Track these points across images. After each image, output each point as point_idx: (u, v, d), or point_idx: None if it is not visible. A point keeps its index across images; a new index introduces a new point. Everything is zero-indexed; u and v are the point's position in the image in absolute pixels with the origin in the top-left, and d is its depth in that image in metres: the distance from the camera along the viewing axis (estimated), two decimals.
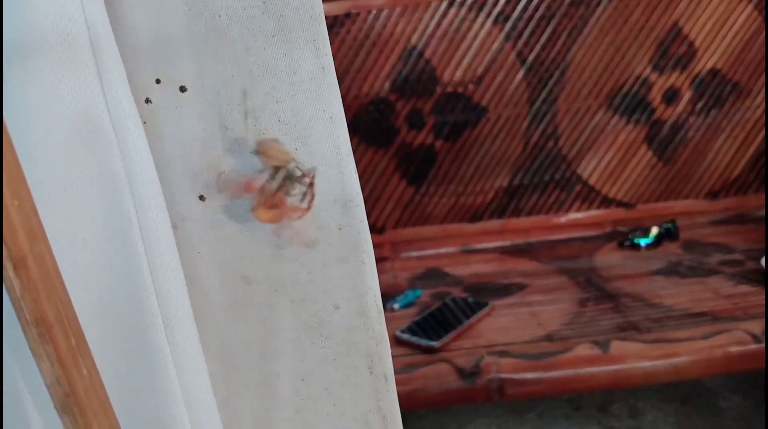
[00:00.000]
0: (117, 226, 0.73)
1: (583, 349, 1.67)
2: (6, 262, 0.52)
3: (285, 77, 0.75)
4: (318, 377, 0.84)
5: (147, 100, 0.76)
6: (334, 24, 2.12)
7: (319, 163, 0.78)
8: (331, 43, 2.07)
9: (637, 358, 1.64)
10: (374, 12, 2.13)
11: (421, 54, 2.16)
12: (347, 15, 2.13)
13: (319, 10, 0.75)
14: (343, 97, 2.11)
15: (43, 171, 0.70)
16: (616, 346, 1.67)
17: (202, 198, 0.79)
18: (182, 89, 0.76)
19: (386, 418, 0.86)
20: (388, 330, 1.78)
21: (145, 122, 0.76)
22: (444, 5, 2.13)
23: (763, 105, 2.21)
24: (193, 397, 0.78)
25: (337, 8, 2.12)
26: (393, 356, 1.70)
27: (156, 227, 0.75)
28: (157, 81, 0.76)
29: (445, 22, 2.13)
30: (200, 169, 0.78)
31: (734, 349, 1.62)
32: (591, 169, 2.28)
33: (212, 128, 0.77)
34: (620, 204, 2.31)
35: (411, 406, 1.67)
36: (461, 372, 1.65)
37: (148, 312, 0.74)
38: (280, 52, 0.74)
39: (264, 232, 0.79)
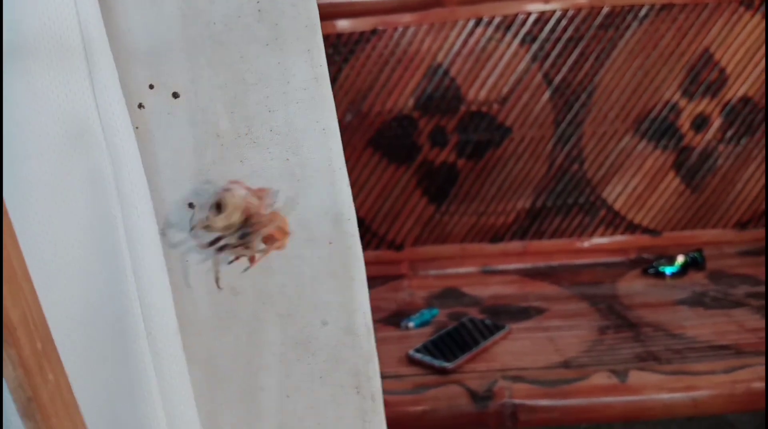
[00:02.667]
0: (102, 230, 0.72)
1: (601, 378, 1.64)
2: None
3: (278, 86, 0.75)
4: (303, 394, 0.83)
5: (140, 105, 0.76)
6: (359, 40, 2.12)
7: (309, 174, 0.77)
8: (357, 59, 2.11)
9: (656, 390, 1.61)
10: (400, 29, 2.13)
11: (446, 72, 2.15)
12: (373, 31, 2.13)
13: (315, 20, 0.74)
14: (366, 113, 2.12)
15: (30, 172, 0.69)
16: (635, 376, 1.63)
17: (191, 205, 0.79)
18: (175, 95, 0.76)
19: None
20: (401, 348, 1.79)
21: (137, 127, 0.76)
22: (471, 24, 2.12)
23: None
24: (174, 409, 0.77)
25: (364, 24, 2.12)
26: (404, 376, 1.71)
27: (142, 233, 0.74)
28: (151, 86, 0.76)
29: (472, 40, 2.13)
30: (190, 176, 0.78)
31: (757, 385, 1.58)
32: (616, 194, 2.25)
33: (204, 135, 0.77)
34: (646, 230, 2.28)
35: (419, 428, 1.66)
36: (473, 395, 1.63)
37: (131, 319, 0.73)
38: (274, 60, 0.74)
39: None
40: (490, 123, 2.19)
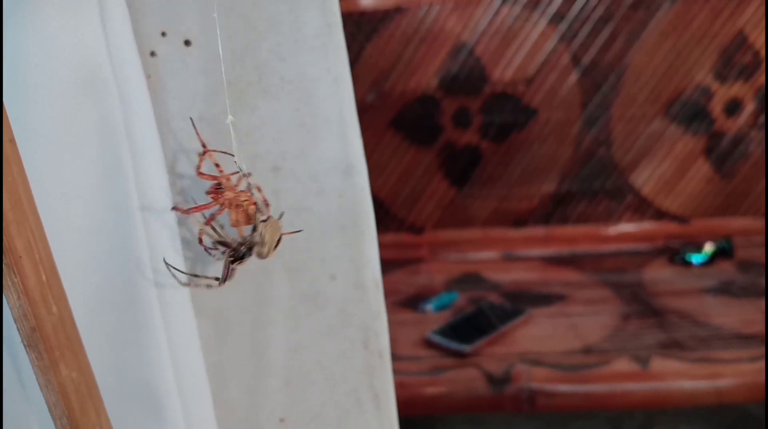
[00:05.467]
0: (113, 179, 0.74)
1: (622, 364, 1.65)
2: None
3: (290, 34, 0.76)
4: (311, 349, 0.84)
5: (152, 53, 0.78)
6: (383, 18, 2.13)
7: (320, 125, 0.78)
8: (380, 37, 2.12)
9: (678, 377, 1.61)
10: (425, 7, 2.13)
11: (471, 52, 2.16)
12: (397, 9, 2.14)
13: None
14: (389, 93, 2.13)
15: (39, 116, 0.71)
16: (657, 363, 1.64)
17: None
18: (187, 43, 0.77)
19: (379, 396, 0.85)
20: (418, 331, 1.80)
21: (149, 76, 0.78)
22: (497, 2, 2.12)
23: None
24: (181, 358, 0.79)
25: (387, 2, 2.13)
26: (421, 358, 1.72)
27: (153, 182, 0.76)
28: (163, 34, 0.77)
29: (498, 19, 2.13)
30: (202, 126, 0.79)
31: None
32: (644, 179, 2.24)
33: (215, 84, 0.78)
34: (674, 217, 2.27)
35: (436, 410, 1.67)
36: (490, 378, 1.64)
37: (139, 266, 0.75)
38: (286, 7, 0.75)
39: None
40: (515, 104, 2.20)
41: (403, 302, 2.01)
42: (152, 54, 0.78)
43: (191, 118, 0.74)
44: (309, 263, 0.82)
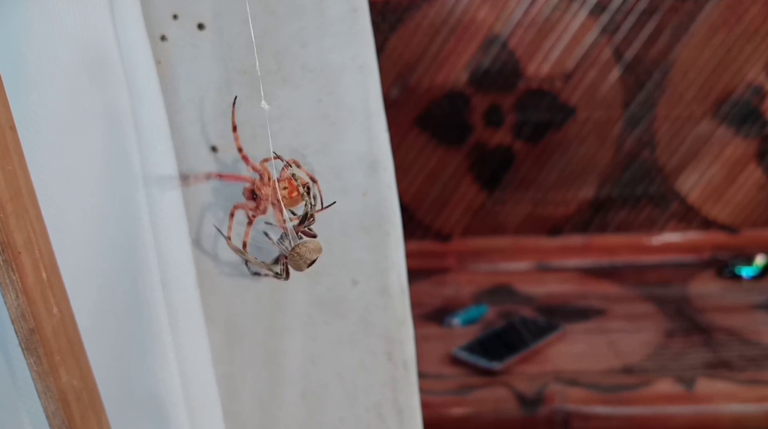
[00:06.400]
0: (118, 170, 0.74)
1: (665, 385, 1.64)
2: None
3: (312, 18, 0.76)
4: (330, 360, 0.84)
5: (162, 37, 0.78)
6: (409, 6, 2.13)
7: (344, 117, 0.78)
8: (405, 27, 2.12)
9: (726, 400, 1.61)
10: None
11: (504, 44, 2.15)
12: None
13: None
14: (414, 88, 2.13)
15: (42, 102, 0.71)
16: (703, 384, 1.63)
17: (214, 149, 0.80)
18: (200, 27, 0.77)
19: (402, 411, 0.85)
20: (444, 347, 1.80)
21: (159, 61, 0.77)
22: None
23: None
24: (189, 367, 0.79)
25: None
26: (447, 376, 1.72)
27: (160, 175, 0.75)
28: (174, 17, 0.77)
29: (534, 9, 2.12)
30: (214, 117, 0.79)
31: None
32: (690, 185, 2.23)
33: (230, 72, 0.78)
34: (722, 227, 2.26)
35: None
36: (522, 399, 1.64)
37: (146, 268, 0.75)
38: None
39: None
40: (551, 102, 2.19)
41: (428, 315, 2.01)
42: (163, 38, 0.78)
43: (235, 98, 0.73)
44: (329, 266, 0.81)
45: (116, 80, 0.72)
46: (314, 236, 0.71)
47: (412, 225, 2.29)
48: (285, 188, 0.71)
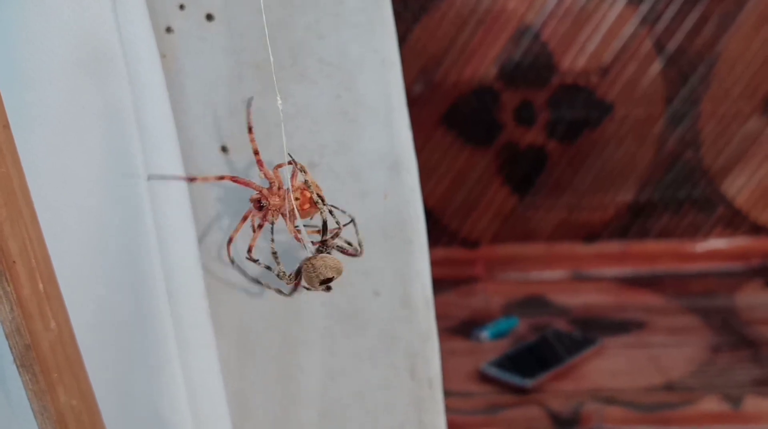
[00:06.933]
0: (120, 171, 0.73)
1: (710, 403, 1.64)
2: None
3: (330, 8, 0.76)
4: (349, 376, 0.84)
5: (168, 29, 0.78)
6: None
7: (364, 114, 0.77)
8: (430, 17, 2.12)
9: None
10: None
11: (536, 36, 2.14)
12: None
13: None
14: (440, 83, 2.12)
15: (37, 100, 0.70)
16: (751, 403, 1.63)
17: (224, 149, 0.80)
18: (209, 17, 0.77)
19: None
20: (472, 363, 1.79)
21: (164, 55, 0.77)
22: None
23: None
24: (197, 384, 0.78)
25: None
26: (475, 394, 1.72)
27: (166, 178, 0.75)
28: (181, 7, 0.77)
29: None
30: (224, 115, 0.79)
31: None
32: (738, 188, 2.21)
33: (241, 66, 0.77)
34: None
35: None
36: (556, 418, 1.64)
37: (149, 276, 0.74)
38: None
39: None
40: (587, 98, 2.18)
41: (454, 329, 2.01)
42: (168, 30, 0.78)
43: (251, 98, 0.73)
44: (348, 276, 0.80)
45: (118, 75, 0.72)
46: (354, 254, 0.71)
47: (437, 231, 2.28)
48: (297, 199, 0.71)
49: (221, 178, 0.76)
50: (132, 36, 0.72)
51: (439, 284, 0.86)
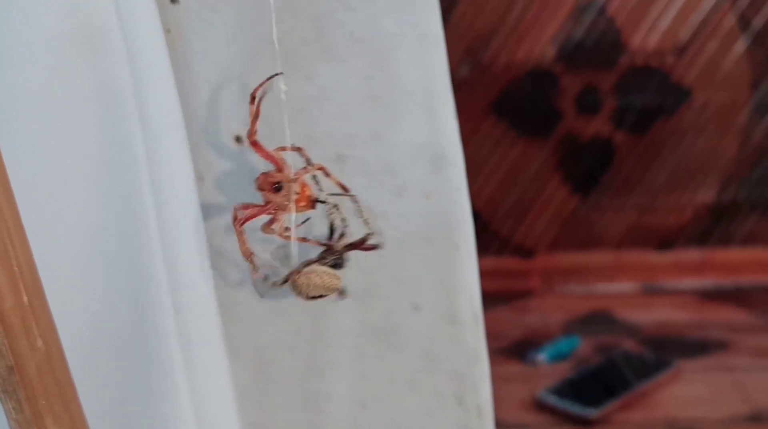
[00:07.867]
0: (118, 166, 0.73)
1: None
2: None
3: None
4: (384, 403, 0.84)
5: (173, 0, 0.77)
6: None
7: (400, 98, 0.77)
8: None
9: None
10: None
11: (601, 10, 2.14)
12: None
13: None
14: (488, 66, 2.12)
15: (21, 82, 0.70)
16: None
17: (238, 140, 0.79)
18: None
19: None
20: (527, 389, 1.80)
21: (168, 30, 0.77)
22: None
23: None
24: (208, 413, 0.78)
25: None
26: (531, 426, 1.72)
27: (171, 172, 0.75)
28: None
29: None
30: (238, 100, 0.78)
31: None
32: None
33: (257, 42, 0.77)
34: None
35: None
36: None
37: (152, 288, 0.74)
38: None
39: None
40: (661, 82, 2.18)
41: (506, 350, 2.02)
42: (173, 0, 0.77)
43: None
44: (383, 287, 0.80)
45: (114, 52, 0.71)
46: (374, 247, 0.71)
47: (486, 237, 2.29)
48: (296, 193, 0.70)
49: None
50: (131, 6, 0.72)
51: (488, 299, 0.85)
